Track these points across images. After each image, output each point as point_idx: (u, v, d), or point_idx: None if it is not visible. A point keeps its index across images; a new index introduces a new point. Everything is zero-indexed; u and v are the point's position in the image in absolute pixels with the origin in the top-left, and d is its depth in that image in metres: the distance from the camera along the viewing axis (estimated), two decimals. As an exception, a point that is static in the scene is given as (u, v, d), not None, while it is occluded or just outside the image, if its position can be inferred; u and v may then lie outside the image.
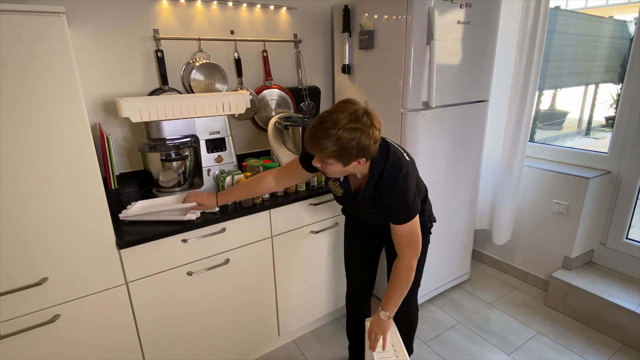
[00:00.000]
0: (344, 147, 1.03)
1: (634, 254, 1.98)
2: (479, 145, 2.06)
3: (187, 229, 1.36)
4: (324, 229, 1.75)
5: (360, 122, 1.03)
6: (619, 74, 2.05)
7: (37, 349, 1.21)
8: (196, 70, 1.73)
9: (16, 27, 0.98)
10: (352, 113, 1.03)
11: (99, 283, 1.26)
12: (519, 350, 1.81)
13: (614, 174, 1.99)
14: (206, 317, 1.53)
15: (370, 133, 1.04)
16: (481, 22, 1.82)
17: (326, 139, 1.02)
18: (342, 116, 1.02)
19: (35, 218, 1.11)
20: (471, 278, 2.42)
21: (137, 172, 1.72)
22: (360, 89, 1.96)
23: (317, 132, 1.04)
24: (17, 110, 1.03)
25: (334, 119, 1.02)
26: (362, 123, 1.03)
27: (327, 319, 2.03)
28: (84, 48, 1.50)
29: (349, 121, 1.02)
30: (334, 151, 1.04)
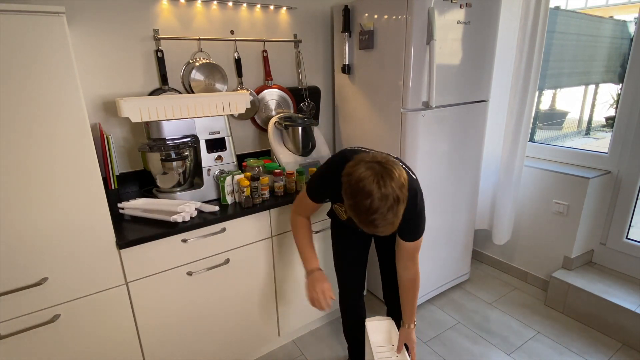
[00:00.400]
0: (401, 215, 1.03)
1: (634, 254, 1.98)
2: (479, 145, 2.06)
3: (187, 228, 1.36)
4: (324, 229, 1.75)
5: (398, 181, 0.99)
6: (619, 74, 2.05)
7: (37, 349, 1.21)
8: (196, 70, 1.73)
9: (16, 27, 0.98)
10: (385, 183, 0.98)
11: (99, 283, 1.26)
12: (519, 350, 1.81)
13: (614, 174, 1.99)
14: (206, 317, 1.53)
15: (402, 181, 1.01)
16: (481, 22, 1.82)
17: (397, 225, 1.02)
18: (385, 203, 0.97)
19: (35, 218, 1.11)
20: (471, 278, 2.42)
21: (137, 172, 1.72)
22: (360, 89, 1.96)
23: (393, 226, 1.01)
24: (16, 110, 1.03)
25: (388, 206, 0.97)
26: (398, 180, 1.00)
27: (327, 319, 2.03)
28: (84, 48, 1.51)
29: (398, 189, 0.99)
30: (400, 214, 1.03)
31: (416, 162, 1.79)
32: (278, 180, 1.61)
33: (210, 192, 1.60)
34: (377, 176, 0.98)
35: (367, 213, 0.98)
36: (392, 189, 0.97)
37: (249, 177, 1.53)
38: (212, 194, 1.61)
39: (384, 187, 0.97)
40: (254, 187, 1.51)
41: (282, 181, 1.62)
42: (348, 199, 1.02)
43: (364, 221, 1.01)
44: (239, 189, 1.53)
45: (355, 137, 2.08)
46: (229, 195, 1.54)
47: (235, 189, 1.55)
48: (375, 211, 0.97)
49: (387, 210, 0.97)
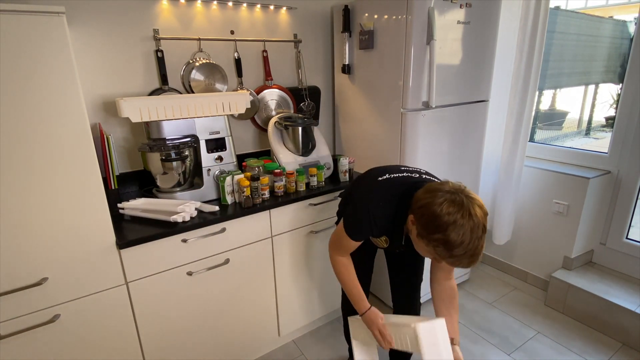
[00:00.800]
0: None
1: (634, 254, 1.98)
2: (479, 145, 2.06)
3: (187, 228, 1.36)
4: (324, 229, 1.75)
5: (482, 225, 0.94)
6: (619, 74, 2.05)
7: (37, 349, 1.21)
8: (196, 70, 1.73)
9: (16, 27, 0.98)
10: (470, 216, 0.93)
11: (99, 283, 1.26)
12: (519, 350, 1.81)
13: (614, 174, 1.99)
14: (206, 317, 1.53)
15: (486, 209, 0.97)
16: (481, 22, 1.82)
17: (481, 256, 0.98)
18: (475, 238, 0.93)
19: (36, 218, 1.11)
20: (471, 278, 2.42)
21: (137, 172, 1.72)
22: (360, 89, 1.96)
23: (478, 259, 0.97)
24: (17, 110, 1.03)
25: (477, 245, 0.93)
26: (481, 222, 0.94)
27: (327, 319, 2.03)
28: (84, 48, 1.50)
29: (483, 229, 0.94)
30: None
31: (416, 162, 1.79)
32: (278, 180, 1.61)
33: (210, 192, 1.60)
34: (465, 212, 0.92)
35: (460, 257, 0.94)
36: (482, 229, 0.93)
37: (249, 177, 1.53)
38: (212, 194, 1.61)
39: (475, 229, 0.92)
40: (254, 187, 1.51)
41: (282, 181, 1.61)
42: (435, 234, 0.95)
43: (451, 257, 0.95)
44: (239, 189, 1.53)
45: (355, 137, 2.08)
46: (229, 195, 1.54)
47: (235, 189, 1.55)
48: (466, 257, 0.94)
49: (477, 252, 0.94)
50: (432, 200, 0.96)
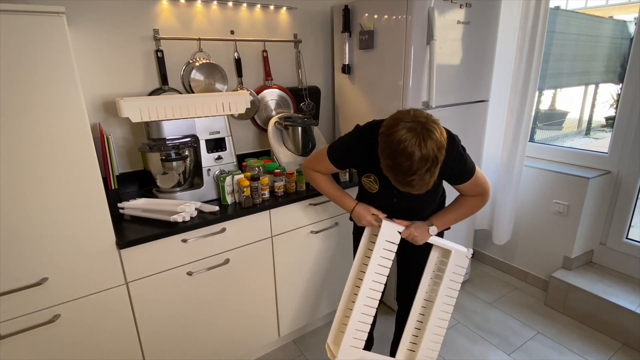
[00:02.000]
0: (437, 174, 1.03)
1: (634, 254, 1.98)
2: (479, 145, 2.06)
3: (187, 228, 1.36)
4: (324, 229, 1.75)
5: (439, 142, 0.99)
6: (619, 74, 2.05)
7: (37, 349, 1.21)
8: (196, 70, 1.73)
9: (16, 27, 0.98)
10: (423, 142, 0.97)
11: (99, 283, 1.26)
12: (519, 350, 1.81)
13: (614, 174, 1.99)
14: (206, 317, 1.53)
15: (442, 142, 1.00)
16: (481, 22, 1.82)
17: (430, 181, 1.03)
18: (423, 163, 0.97)
19: (36, 218, 1.11)
20: (471, 278, 2.42)
21: (137, 172, 1.72)
22: (360, 89, 1.96)
23: (428, 184, 1.02)
24: (17, 110, 1.03)
25: (427, 167, 0.98)
26: (438, 141, 0.99)
27: (327, 319, 2.03)
28: (84, 48, 1.50)
29: (435, 156, 0.98)
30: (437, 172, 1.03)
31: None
32: (278, 180, 1.61)
33: (210, 192, 1.60)
34: (419, 137, 0.97)
35: (406, 174, 0.99)
36: (432, 150, 0.97)
37: (249, 177, 1.53)
38: (212, 194, 1.61)
39: (424, 149, 0.97)
40: (254, 187, 1.51)
41: (282, 181, 1.61)
42: (386, 159, 1.02)
43: (401, 181, 1.02)
44: (239, 189, 1.53)
45: (355, 137, 2.08)
46: (229, 195, 1.54)
47: (235, 189, 1.55)
48: (414, 172, 0.98)
49: (425, 172, 0.99)
50: (392, 128, 1.01)
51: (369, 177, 1.27)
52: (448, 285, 1.33)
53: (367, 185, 1.29)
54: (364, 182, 1.29)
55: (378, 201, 1.31)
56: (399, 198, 1.26)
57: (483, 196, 1.25)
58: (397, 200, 1.26)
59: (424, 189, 1.04)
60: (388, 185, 1.21)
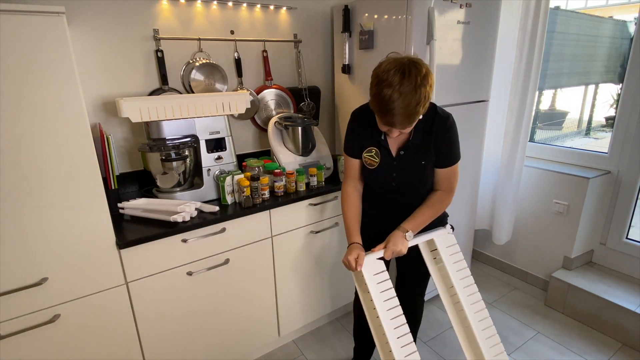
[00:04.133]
0: (423, 107, 1.06)
1: (634, 254, 1.98)
2: (479, 145, 2.06)
3: (187, 228, 1.36)
4: (324, 229, 1.75)
5: (417, 77, 1.02)
6: (619, 74, 2.05)
7: (37, 349, 1.21)
8: (196, 70, 1.73)
9: (16, 27, 0.98)
10: (406, 71, 1.01)
11: (99, 283, 1.26)
12: (519, 350, 1.81)
13: (614, 174, 1.99)
14: (206, 317, 1.53)
15: (428, 74, 1.04)
16: (481, 22, 1.82)
17: (415, 115, 1.05)
18: (407, 84, 1.01)
19: (36, 218, 1.11)
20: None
21: (137, 172, 1.72)
22: (360, 89, 1.96)
23: (410, 112, 1.04)
24: (17, 110, 1.03)
25: (408, 89, 1.00)
26: (422, 73, 1.02)
27: (327, 319, 2.03)
28: (84, 48, 1.51)
29: (419, 84, 1.01)
30: (422, 109, 1.06)
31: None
32: (278, 180, 1.61)
33: (210, 192, 1.60)
34: (404, 66, 1.02)
35: (389, 101, 1.02)
36: (415, 79, 1.00)
37: (249, 177, 1.53)
38: (212, 194, 1.61)
39: (407, 76, 1.00)
40: (254, 187, 1.51)
41: (282, 181, 1.62)
42: (372, 88, 1.06)
43: (383, 109, 1.04)
44: (239, 189, 1.53)
45: (355, 137, 2.08)
46: (229, 195, 1.54)
47: (235, 189, 1.55)
48: (395, 100, 1.01)
49: (408, 92, 1.00)
50: (381, 62, 1.07)
51: (370, 152, 1.28)
52: (455, 269, 1.32)
53: (368, 162, 1.30)
54: (365, 158, 1.30)
55: (379, 178, 1.31)
56: (397, 172, 1.27)
57: (450, 192, 1.30)
58: (396, 175, 1.27)
59: (405, 123, 1.06)
60: (387, 157, 1.26)
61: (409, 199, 1.32)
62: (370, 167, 1.30)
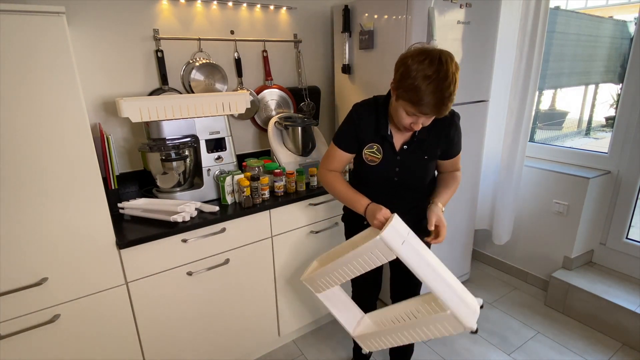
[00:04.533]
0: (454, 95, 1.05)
1: (634, 254, 1.98)
2: (479, 145, 2.06)
3: (187, 229, 1.36)
4: (324, 229, 1.75)
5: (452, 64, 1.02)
6: (619, 74, 2.05)
7: (37, 349, 1.21)
8: (196, 70, 1.73)
9: (16, 27, 0.98)
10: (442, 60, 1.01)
11: (99, 283, 1.26)
12: (519, 350, 1.81)
13: (614, 174, 1.99)
14: (206, 317, 1.53)
15: (459, 68, 1.05)
16: (481, 22, 1.82)
17: (450, 102, 1.04)
18: (444, 71, 1.00)
19: (35, 218, 1.11)
20: (471, 278, 2.42)
21: (137, 172, 1.72)
22: (360, 88, 1.96)
23: (447, 99, 1.02)
24: (17, 110, 1.03)
25: (445, 75, 1.00)
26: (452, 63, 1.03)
27: (327, 319, 2.03)
28: (84, 48, 1.51)
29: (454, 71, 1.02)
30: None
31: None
32: (278, 180, 1.61)
33: (210, 192, 1.60)
34: (436, 55, 1.01)
35: (426, 90, 1.00)
36: (449, 66, 1.01)
37: (249, 177, 1.53)
38: (212, 194, 1.61)
39: (443, 63, 1.00)
40: (254, 187, 1.51)
41: (282, 181, 1.61)
42: (405, 80, 1.04)
43: (420, 100, 1.02)
44: (239, 189, 1.53)
45: (355, 137, 2.08)
46: (229, 195, 1.54)
47: (235, 189, 1.55)
48: (434, 88, 1.00)
49: (446, 85, 1.00)
50: (406, 54, 1.06)
51: (372, 148, 1.26)
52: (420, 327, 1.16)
53: (369, 158, 1.27)
54: (366, 155, 1.27)
55: (380, 174, 1.28)
56: (400, 167, 1.26)
57: (459, 171, 1.37)
58: (399, 169, 1.26)
59: (444, 108, 1.05)
60: (391, 153, 1.25)
61: (408, 192, 1.32)
62: (371, 163, 1.27)
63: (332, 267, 1.17)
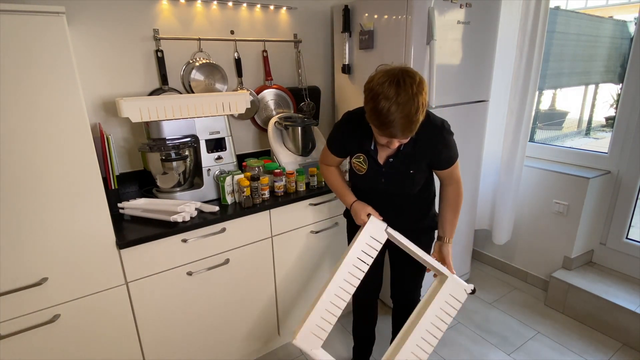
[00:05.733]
0: (422, 114, 1.05)
1: (634, 254, 1.98)
2: (479, 145, 2.06)
3: (187, 229, 1.36)
4: (323, 229, 1.75)
5: (412, 86, 1.01)
6: (619, 74, 2.05)
7: (37, 349, 1.21)
8: (196, 70, 1.73)
9: (16, 27, 0.98)
10: (397, 80, 1.02)
11: (99, 283, 1.26)
12: (519, 350, 1.81)
13: (614, 174, 1.99)
14: (206, 317, 1.53)
15: (421, 83, 1.04)
16: (481, 22, 1.82)
17: (416, 123, 1.04)
18: (404, 94, 1.00)
19: (36, 218, 1.11)
20: (471, 278, 2.42)
21: (137, 172, 1.72)
22: (360, 89, 1.95)
23: (410, 121, 1.02)
24: (17, 110, 1.03)
25: (405, 97, 1.00)
26: (417, 81, 1.02)
27: (327, 319, 2.03)
28: (84, 48, 1.50)
29: (415, 92, 1.01)
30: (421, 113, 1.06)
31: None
32: (278, 180, 1.61)
33: (210, 192, 1.60)
34: (397, 76, 1.01)
35: (387, 114, 1.00)
36: (410, 88, 1.00)
37: (249, 177, 1.53)
38: (212, 194, 1.61)
39: (403, 86, 1.00)
40: (254, 187, 1.51)
41: (282, 181, 1.62)
42: (368, 103, 1.05)
43: (383, 123, 1.03)
44: (239, 189, 1.53)
45: (355, 137, 2.08)
46: (229, 195, 1.54)
47: (235, 189, 1.55)
48: (394, 112, 1.00)
49: (407, 109, 1.00)
50: (372, 77, 1.07)
51: (359, 158, 1.30)
52: (436, 313, 1.23)
53: (356, 167, 1.32)
54: (354, 164, 1.32)
55: (367, 183, 1.33)
56: (386, 178, 1.28)
57: (458, 184, 1.32)
58: (385, 180, 1.28)
59: (407, 132, 1.05)
60: (375, 165, 1.27)
61: (398, 199, 1.33)
62: (358, 172, 1.32)
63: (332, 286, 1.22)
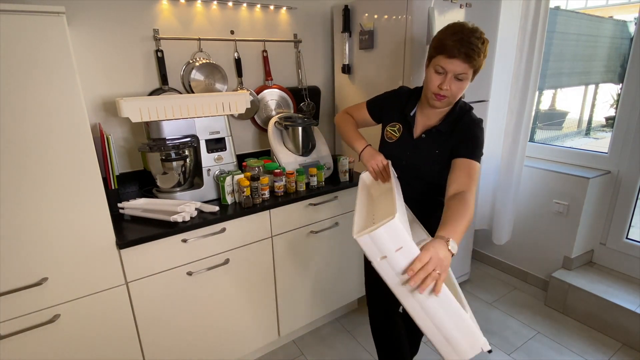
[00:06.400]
0: (484, 57, 1.13)
1: (634, 254, 1.98)
2: (479, 145, 2.06)
3: (187, 229, 1.36)
4: (324, 229, 1.75)
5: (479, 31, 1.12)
6: (619, 74, 2.05)
7: (37, 349, 1.21)
8: (196, 70, 1.73)
9: (16, 27, 0.98)
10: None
11: (99, 283, 1.26)
12: (519, 350, 1.81)
13: (614, 174, 1.99)
14: (206, 317, 1.53)
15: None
16: (481, 22, 1.79)
17: (478, 53, 1.10)
18: (471, 28, 1.11)
19: (35, 218, 1.11)
20: (471, 278, 2.42)
21: (137, 172, 1.72)
22: (360, 88, 1.96)
23: (475, 45, 1.08)
24: (17, 110, 1.03)
25: (471, 26, 1.11)
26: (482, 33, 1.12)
27: (327, 319, 2.03)
28: (84, 48, 1.51)
29: (481, 33, 1.12)
30: (482, 56, 1.12)
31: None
32: (278, 180, 1.61)
33: (210, 192, 1.60)
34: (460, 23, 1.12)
35: (455, 31, 1.10)
36: (479, 31, 1.11)
37: (249, 177, 1.53)
38: (212, 194, 1.61)
39: (474, 27, 1.11)
40: (254, 187, 1.51)
41: (282, 181, 1.61)
42: (436, 37, 1.15)
43: (448, 42, 1.09)
44: (239, 189, 1.53)
45: (355, 137, 2.08)
46: (229, 195, 1.54)
47: (235, 189, 1.55)
48: (465, 29, 1.09)
49: (475, 33, 1.09)
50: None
51: (394, 127, 1.34)
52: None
53: (388, 135, 1.35)
54: (387, 132, 1.36)
55: (393, 152, 1.34)
56: (412, 152, 1.30)
57: (470, 192, 1.08)
58: (410, 154, 1.30)
59: (470, 52, 1.08)
60: (408, 137, 1.31)
61: (415, 181, 1.33)
62: (389, 140, 1.35)
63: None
